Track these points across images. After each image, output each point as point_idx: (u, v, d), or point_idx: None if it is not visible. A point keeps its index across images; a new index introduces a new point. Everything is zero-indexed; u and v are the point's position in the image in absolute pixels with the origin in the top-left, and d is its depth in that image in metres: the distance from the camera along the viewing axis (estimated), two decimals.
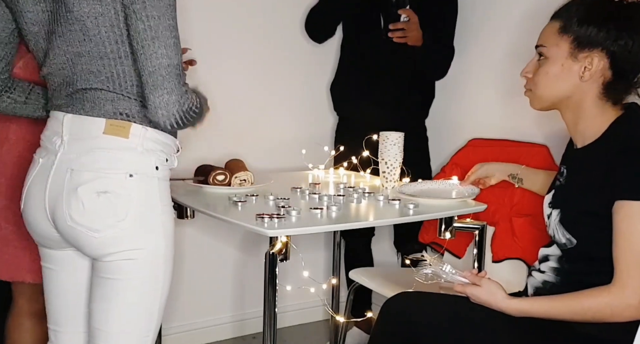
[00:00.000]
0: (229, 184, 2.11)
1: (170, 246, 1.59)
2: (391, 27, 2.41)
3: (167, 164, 1.59)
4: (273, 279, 1.73)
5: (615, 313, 1.49)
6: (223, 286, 2.94)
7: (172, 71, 1.47)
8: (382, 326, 1.73)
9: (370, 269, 2.71)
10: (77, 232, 1.52)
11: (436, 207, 2.02)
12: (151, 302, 1.58)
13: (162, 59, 1.46)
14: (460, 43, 2.70)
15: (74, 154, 1.52)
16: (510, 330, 1.60)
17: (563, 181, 1.71)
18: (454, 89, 2.77)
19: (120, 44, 1.49)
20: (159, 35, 1.46)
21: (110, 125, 1.52)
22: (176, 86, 1.48)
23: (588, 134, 1.64)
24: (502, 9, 2.56)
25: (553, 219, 1.68)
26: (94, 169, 1.50)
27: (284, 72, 2.90)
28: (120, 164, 1.51)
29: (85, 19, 1.48)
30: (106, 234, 1.50)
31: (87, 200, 1.49)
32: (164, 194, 1.58)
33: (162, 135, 1.57)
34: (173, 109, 1.48)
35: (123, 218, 1.50)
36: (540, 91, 1.66)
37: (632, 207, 1.49)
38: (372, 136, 2.38)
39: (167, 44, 1.47)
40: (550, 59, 1.63)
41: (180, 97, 1.49)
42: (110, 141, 1.52)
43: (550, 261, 1.70)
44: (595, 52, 1.57)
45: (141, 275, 1.55)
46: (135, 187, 1.52)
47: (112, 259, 1.52)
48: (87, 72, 1.52)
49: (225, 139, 2.76)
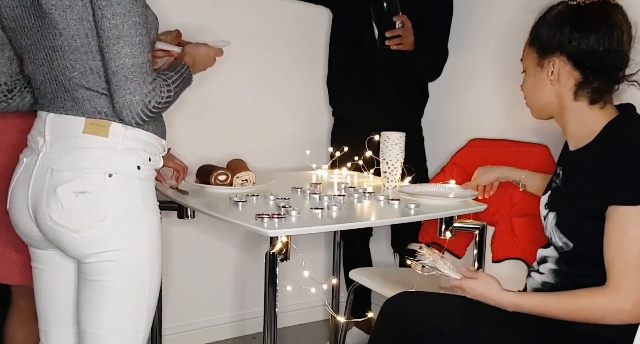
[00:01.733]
0: (230, 184, 2.11)
1: (156, 245, 1.57)
2: (388, 34, 2.40)
3: (150, 163, 1.58)
4: (273, 279, 1.73)
5: (608, 315, 1.50)
6: (223, 286, 2.94)
7: (136, 71, 1.45)
8: (382, 326, 1.73)
9: (370, 269, 2.71)
10: (57, 233, 1.51)
11: (436, 207, 2.02)
12: (138, 303, 1.57)
13: (125, 58, 1.44)
14: (460, 43, 2.70)
15: (55, 154, 1.52)
16: (511, 330, 1.60)
17: (559, 183, 1.72)
18: (454, 89, 2.78)
19: (91, 38, 1.47)
20: (124, 34, 1.44)
21: (89, 124, 1.51)
22: (140, 86, 1.46)
23: (579, 136, 1.66)
24: (502, 8, 2.56)
25: (549, 221, 1.68)
26: (73, 169, 1.50)
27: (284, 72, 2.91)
28: (99, 164, 1.50)
29: (53, 11, 1.46)
30: (86, 234, 1.49)
31: (65, 200, 1.48)
32: (147, 193, 1.56)
33: (144, 134, 1.56)
34: (137, 108, 1.47)
35: (103, 218, 1.49)
36: (529, 102, 1.75)
37: (624, 212, 1.49)
38: (373, 136, 2.39)
39: (132, 43, 1.45)
40: (527, 72, 1.72)
41: (145, 96, 1.47)
42: (90, 140, 1.51)
43: (549, 263, 1.70)
44: (556, 55, 1.62)
45: (125, 276, 1.53)
46: (115, 187, 1.50)
47: (94, 260, 1.51)
48: (63, 68, 1.51)
49: (227, 139, 2.77)
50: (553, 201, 1.71)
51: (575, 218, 1.61)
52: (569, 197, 1.65)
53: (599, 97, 1.62)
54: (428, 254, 1.69)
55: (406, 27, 2.41)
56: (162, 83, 1.51)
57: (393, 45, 2.41)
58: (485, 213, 2.13)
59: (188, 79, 1.64)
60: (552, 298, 1.58)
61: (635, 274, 1.48)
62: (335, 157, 2.50)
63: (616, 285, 1.49)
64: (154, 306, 1.61)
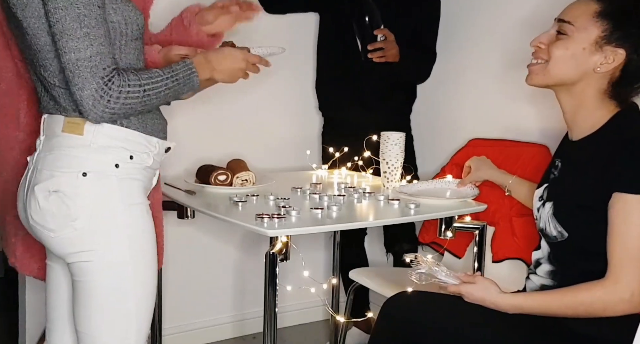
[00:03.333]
0: (230, 184, 2.11)
1: (139, 245, 1.53)
2: (369, 47, 2.42)
3: (132, 161, 1.53)
4: (273, 279, 1.73)
5: (608, 307, 1.49)
6: (223, 286, 2.94)
7: (82, 65, 1.41)
8: (382, 325, 1.73)
9: (370, 269, 2.71)
10: (38, 232, 1.52)
11: (436, 207, 2.02)
12: (121, 304, 1.53)
13: (70, 53, 1.41)
14: (460, 42, 2.70)
15: (42, 153, 1.53)
16: (511, 330, 1.60)
17: (557, 174, 1.70)
18: (454, 89, 2.78)
19: (52, 35, 1.44)
20: (67, 28, 1.40)
21: (67, 122, 1.50)
22: (87, 81, 1.41)
23: (585, 125, 1.63)
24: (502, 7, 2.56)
25: (546, 211, 1.68)
26: (51, 168, 1.49)
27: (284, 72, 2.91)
28: (73, 162, 1.48)
29: (15, 10, 1.45)
30: (61, 234, 1.48)
31: (41, 199, 1.48)
32: (127, 193, 1.52)
33: (124, 131, 1.52)
34: (89, 103, 1.42)
35: (75, 219, 1.47)
36: (552, 64, 1.59)
37: (628, 201, 1.49)
38: (371, 137, 2.40)
39: (75, 36, 1.40)
40: (573, 39, 1.57)
41: (95, 91, 1.42)
42: (67, 138, 1.50)
43: (543, 265, 1.70)
44: (620, 50, 1.54)
45: (103, 278, 1.50)
46: (89, 186, 1.48)
47: (72, 260, 1.51)
48: (38, 66, 1.50)
49: (227, 139, 2.77)
50: (551, 192, 1.70)
51: (573, 207, 1.60)
52: (568, 186, 1.64)
53: (622, 99, 1.60)
54: (423, 263, 1.68)
55: (389, 40, 2.43)
56: (125, 78, 1.45)
57: (375, 58, 2.44)
58: (485, 213, 2.13)
59: (185, 80, 1.55)
60: (552, 296, 1.58)
61: (634, 263, 1.48)
62: (336, 157, 2.50)
63: (616, 275, 1.49)
64: (145, 312, 1.57)
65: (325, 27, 2.78)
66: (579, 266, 1.60)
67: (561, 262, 1.65)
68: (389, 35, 2.43)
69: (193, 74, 1.56)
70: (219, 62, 1.62)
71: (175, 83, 1.53)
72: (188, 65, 1.56)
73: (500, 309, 1.61)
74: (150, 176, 1.62)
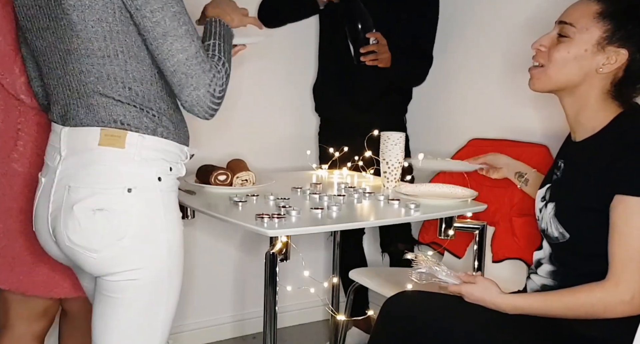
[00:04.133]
0: (230, 184, 2.11)
1: (175, 260, 1.52)
2: (362, 50, 2.43)
3: (171, 173, 1.51)
4: (273, 279, 1.73)
5: (609, 308, 1.49)
6: (223, 286, 2.94)
7: (193, 63, 1.40)
8: (382, 325, 1.73)
9: (370, 269, 2.71)
10: (75, 253, 1.45)
11: (436, 207, 2.02)
12: (153, 318, 1.51)
13: (178, 54, 1.39)
14: (460, 42, 2.70)
15: (72, 170, 1.45)
16: (511, 330, 1.60)
17: (560, 175, 1.70)
18: (454, 88, 2.78)
19: (110, 40, 1.41)
20: (168, 29, 1.38)
21: (105, 135, 1.44)
22: (200, 78, 1.41)
23: (588, 127, 1.63)
24: (502, 7, 2.56)
25: (547, 212, 1.67)
26: (90, 185, 1.42)
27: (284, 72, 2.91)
28: (117, 178, 1.43)
29: (71, 12, 1.39)
30: (105, 254, 1.43)
31: (83, 218, 1.41)
32: (168, 207, 1.49)
33: (163, 143, 1.49)
34: (206, 102, 1.43)
35: (122, 237, 1.42)
36: (552, 68, 1.59)
37: (630, 203, 1.49)
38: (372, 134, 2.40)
39: (179, 35, 1.39)
40: (574, 41, 1.56)
41: (209, 86, 1.42)
42: (106, 152, 1.44)
43: (544, 265, 1.70)
44: (623, 50, 1.54)
45: (143, 294, 1.48)
46: (135, 202, 1.43)
47: (114, 279, 1.46)
48: (78, 72, 1.44)
49: (227, 139, 2.77)
50: (553, 192, 1.70)
51: (575, 208, 1.60)
52: (571, 187, 1.64)
53: (625, 99, 1.60)
54: (424, 262, 1.68)
55: (381, 43, 2.43)
56: (217, 62, 1.45)
57: (368, 61, 2.44)
58: (485, 213, 2.12)
59: (228, 33, 1.55)
60: (552, 297, 1.58)
61: (635, 265, 1.47)
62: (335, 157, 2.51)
63: (616, 277, 1.49)
64: (169, 324, 1.56)
65: (324, 29, 2.78)
66: (580, 267, 1.60)
67: (562, 263, 1.65)
68: (381, 39, 2.43)
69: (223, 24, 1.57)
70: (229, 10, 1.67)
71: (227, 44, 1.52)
72: (218, 21, 1.57)
73: (500, 310, 1.61)
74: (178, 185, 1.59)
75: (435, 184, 2.25)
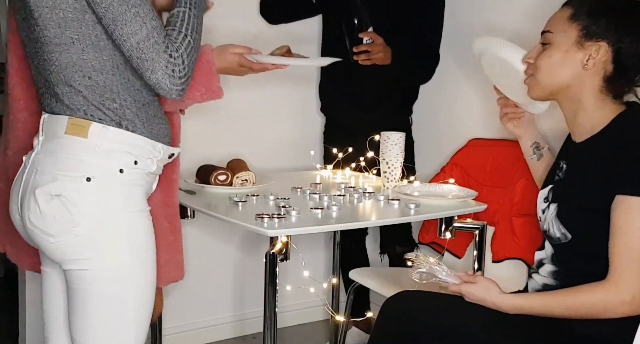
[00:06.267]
0: (230, 184, 2.11)
1: (140, 253, 1.50)
2: (355, 49, 2.44)
3: (137, 167, 1.49)
4: (273, 279, 1.73)
5: (609, 308, 1.49)
6: (223, 286, 2.94)
7: (145, 46, 1.38)
8: (382, 325, 1.73)
9: (370, 269, 2.71)
10: (36, 236, 1.47)
11: (436, 207, 2.02)
12: (121, 313, 1.50)
13: (130, 39, 1.38)
14: (460, 42, 2.70)
15: (42, 155, 1.48)
16: (511, 331, 1.60)
17: (562, 176, 1.70)
18: (454, 88, 2.78)
19: (64, 28, 1.41)
20: (117, 14, 1.37)
21: (71, 124, 1.46)
22: (156, 61, 1.39)
23: (587, 127, 1.63)
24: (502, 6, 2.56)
25: (550, 213, 1.68)
26: (52, 171, 1.44)
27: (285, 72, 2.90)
28: (78, 167, 1.44)
29: (29, 0, 1.41)
30: (61, 239, 1.44)
31: (42, 202, 1.43)
32: (131, 200, 1.48)
33: (129, 136, 1.48)
34: (167, 83, 1.41)
35: (77, 224, 1.43)
36: (541, 75, 1.65)
37: (631, 203, 1.49)
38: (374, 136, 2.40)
39: (128, 19, 1.37)
40: (554, 45, 1.62)
41: (166, 68, 1.40)
42: (71, 141, 1.46)
43: (546, 265, 1.70)
44: (602, 43, 1.57)
45: (103, 287, 1.46)
46: (92, 191, 1.43)
47: (70, 267, 1.46)
48: (42, 61, 1.46)
49: (227, 139, 2.77)
50: (556, 193, 1.70)
51: (577, 209, 1.60)
52: (573, 188, 1.64)
53: (621, 94, 1.61)
54: (424, 262, 1.68)
55: (376, 43, 2.43)
56: (174, 39, 1.42)
57: (361, 60, 2.45)
58: (485, 213, 2.13)
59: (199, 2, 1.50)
60: (553, 297, 1.58)
61: (636, 266, 1.48)
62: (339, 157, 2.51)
63: (617, 277, 1.49)
64: (144, 320, 1.54)
65: (327, 28, 2.78)
66: (582, 267, 1.60)
67: (564, 263, 1.65)
68: (376, 38, 2.43)
69: None
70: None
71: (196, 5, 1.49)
72: None
73: (501, 310, 1.61)
74: (151, 182, 1.59)
75: (435, 184, 2.25)
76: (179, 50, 1.42)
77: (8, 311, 2.92)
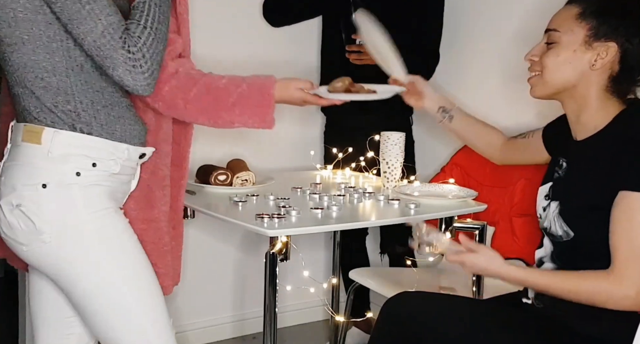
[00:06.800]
0: (230, 184, 2.11)
1: (115, 246, 1.48)
2: (347, 48, 2.47)
3: (96, 169, 1.46)
4: (273, 279, 1.73)
5: (611, 300, 1.49)
6: (223, 286, 2.94)
7: (101, 43, 1.35)
8: (382, 325, 1.73)
9: (370, 269, 2.71)
10: (11, 245, 1.47)
11: (436, 207, 2.02)
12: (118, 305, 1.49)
13: (87, 37, 1.35)
14: (460, 42, 2.70)
15: (7, 163, 1.47)
16: (512, 331, 1.60)
17: (562, 174, 1.70)
18: (454, 88, 2.77)
19: (15, 27, 1.38)
20: (71, 13, 1.34)
21: (26, 131, 1.44)
22: (114, 57, 1.36)
23: (590, 126, 1.63)
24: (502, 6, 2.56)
25: (551, 210, 1.67)
26: (12, 181, 1.43)
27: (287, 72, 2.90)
28: (33, 175, 1.42)
29: None
30: (33, 247, 1.44)
31: (7, 213, 1.43)
32: (90, 201, 1.45)
33: (85, 139, 1.45)
34: (129, 79, 1.38)
35: (42, 232, 1.42)
36: (547, 74, 1.63)
37: (633, 199, 1.48)
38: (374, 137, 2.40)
39: (82, 17, 1.34)
40: (561, 44, 1.60)
41: (125, 64, 1.37)
42: (26, 149, 1.44)
43: (546, 264, 1.70)
44: (610, 43, 1.56)
45: (84, 286, 1.46)
46: (51, 198, 1.42)
47: (48, 272, 1.47)
48: (2, 60, 1.44)
49: (227, 139, 2.76)
50: (556, 191, 1.70)
51: (580, 207, 1.60)
52: (575, 186, 1.64)
53: (625, 93, 1.61)
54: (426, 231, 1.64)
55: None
56: (130, 32, 1.38)
57: (352, 59, 2.47)
58: (485, 213, 2.13)
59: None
60: (558, 277, 1.55)
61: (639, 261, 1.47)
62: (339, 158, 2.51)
63: (620, 272, 1.48)
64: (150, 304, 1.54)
65: (327, 28, 2.78)
66: (583, 265, 1.60)
67: (565, 261, 1.65)
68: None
69: None
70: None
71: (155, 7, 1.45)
72: None
73: (503, 280, 1.59)
74: (122, 181, 1.54)
75: (435, 184, 2.25)
76: (138, 44, 1.39)
77: (8, 311, 2.92)
